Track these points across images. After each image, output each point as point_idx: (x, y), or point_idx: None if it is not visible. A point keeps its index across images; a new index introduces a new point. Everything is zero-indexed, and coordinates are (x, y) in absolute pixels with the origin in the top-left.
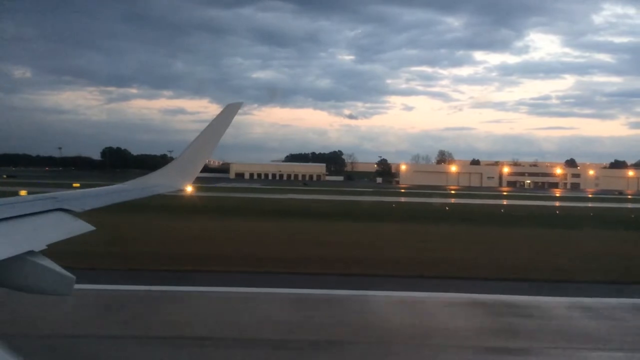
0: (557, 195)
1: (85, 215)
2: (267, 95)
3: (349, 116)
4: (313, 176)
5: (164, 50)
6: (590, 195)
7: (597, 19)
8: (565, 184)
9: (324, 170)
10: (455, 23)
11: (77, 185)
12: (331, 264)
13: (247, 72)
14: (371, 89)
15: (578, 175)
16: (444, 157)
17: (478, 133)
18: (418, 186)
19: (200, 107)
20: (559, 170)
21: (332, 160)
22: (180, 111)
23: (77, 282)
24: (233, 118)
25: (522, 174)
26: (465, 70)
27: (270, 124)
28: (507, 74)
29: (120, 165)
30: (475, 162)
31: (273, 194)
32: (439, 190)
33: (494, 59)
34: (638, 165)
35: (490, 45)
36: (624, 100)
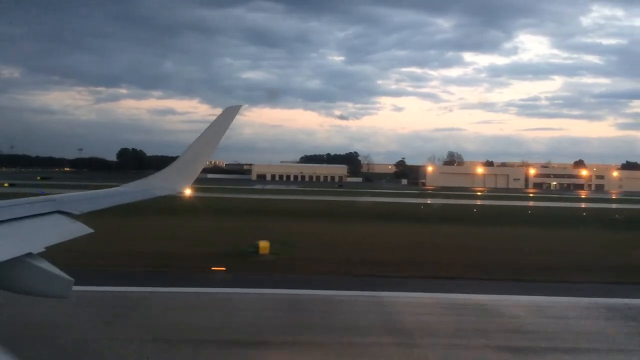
0: (596, 197)
1: (84, 216)
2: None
3: (340, 117)
4: (335, 177)
5: (154, 50)
6: (625, 197)
7: (586, 20)
8: (590, 185)
9: (345, 171)
10: (445, 24)
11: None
12: (557, 271)
13: (237, 73)
14: (361, 90)
15: (602, 177)
16: (453, 158)
17: (467, 134)
18: (450, 188)
19: (190, 108)
20: (584, 172)
21: (348, 162)
22: (170, 111)
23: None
24: (232, 120)
25: (548, 175)
26: (454, 72)
27: (260, 124)
28: (496, 75)
29: (136, 166)
30: (489, 164)
31: (323, 195)
32: (478, 193)
33: (483, 60)
34: None
35: (480, 46)
36: (612, 101)
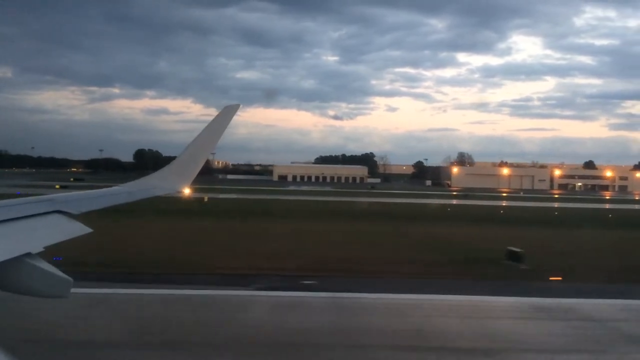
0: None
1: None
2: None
3: (334, 117)
4: (356, 178)
5: (147, 50)
6: None
7: (578, 21)
8: (614, 186)
9: (366, 172)
10: (438, 25)
11: None
12: None
13: (231, 72)
14: (355, 90)
15: (626, 178)
16: (464, 159)
17: (461, 134)
18: (479, 189)
19: (184, 107)
20: (608, 173)
21: (364, 162)
22: (164, 111)
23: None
24: (231, 120)
25: (573, 176)
26: (448, 72)
27: (254, 124)
28: (490, 75)
29: (153, 167)
30: (503, 164)
31: (365, 197)
32: (513, 194)
33: (477, 60)
34: None
35: (473, 47)
36: (604, 102)
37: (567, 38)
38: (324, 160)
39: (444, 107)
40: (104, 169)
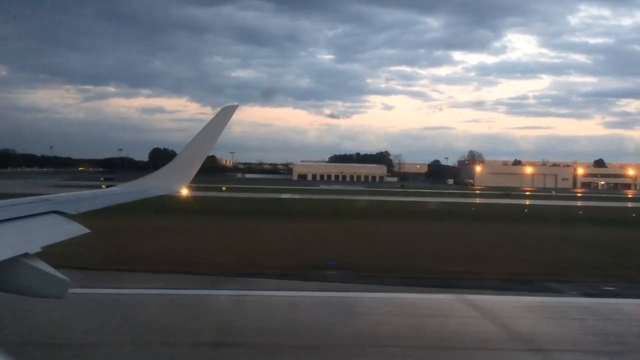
0: None
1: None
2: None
3: (329, 115)
4: (375, 177)
5: (142, 48)
6: None
7: (573, 20)
8: (636, 185)
9: (385, 171)
10: (434, 23)
11: None
12: None
13: (227, 71)
14: (351, 89)
15: None
16: (474, 157)
17: (457, 132)
18: (503, 188)
19: (179, 106)
20: (631, 172)
21: (379, 161)
22: (159, 110)
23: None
24: (229, 120)
25: (596, 175)
26: (444, 70)
27: (250, 123)
28: (485, 74)
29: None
30: (517, 163)
31: (414, 197)
32: (543, 192)
33: (472, 59)
34: None
35: (469, 45)
36: (599, 100)
37: (562, 36)
38: (337, 159)
39: (440, 106)
40: (122, 169)
